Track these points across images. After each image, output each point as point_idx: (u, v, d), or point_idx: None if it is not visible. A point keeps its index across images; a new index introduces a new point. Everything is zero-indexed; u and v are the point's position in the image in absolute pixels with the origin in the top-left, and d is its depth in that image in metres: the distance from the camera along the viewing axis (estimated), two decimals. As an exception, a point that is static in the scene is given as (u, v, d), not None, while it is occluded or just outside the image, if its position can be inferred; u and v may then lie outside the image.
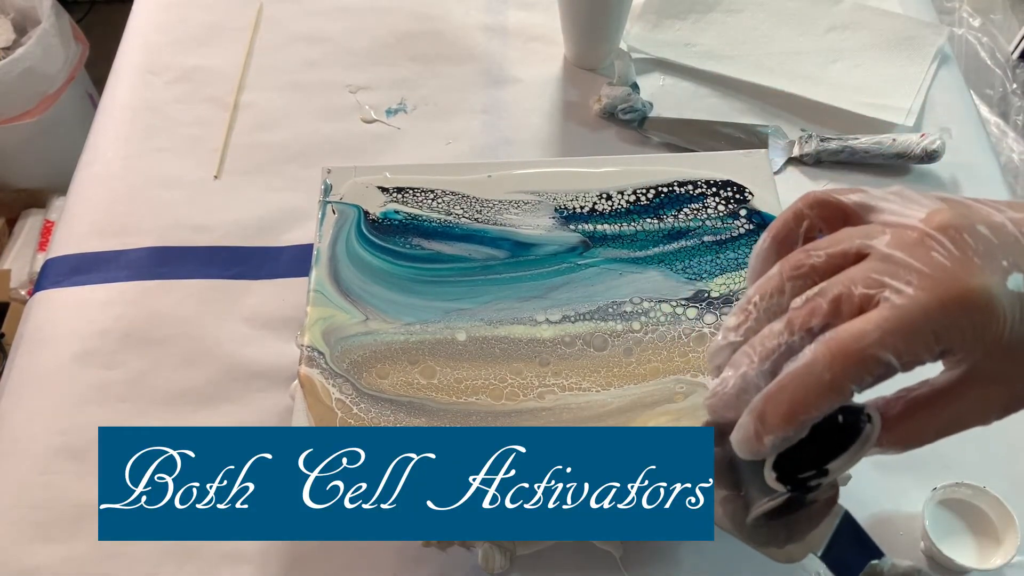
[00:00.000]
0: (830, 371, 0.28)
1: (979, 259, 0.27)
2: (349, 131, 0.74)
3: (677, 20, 0.80)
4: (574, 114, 0.75)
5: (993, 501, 0.52)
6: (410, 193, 0.55)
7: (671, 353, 0.49)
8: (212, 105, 0.76)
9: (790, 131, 0.73)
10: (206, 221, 0.68)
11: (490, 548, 0.49)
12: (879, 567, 0.33)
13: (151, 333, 0.62)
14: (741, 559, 0.52)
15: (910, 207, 0.30)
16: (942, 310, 0.27)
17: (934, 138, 0.68)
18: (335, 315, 0.51)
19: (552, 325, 0.51)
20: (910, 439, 0.31)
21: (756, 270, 0.34)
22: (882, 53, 0.77)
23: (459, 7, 0.83)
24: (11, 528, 0.54)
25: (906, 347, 0.27)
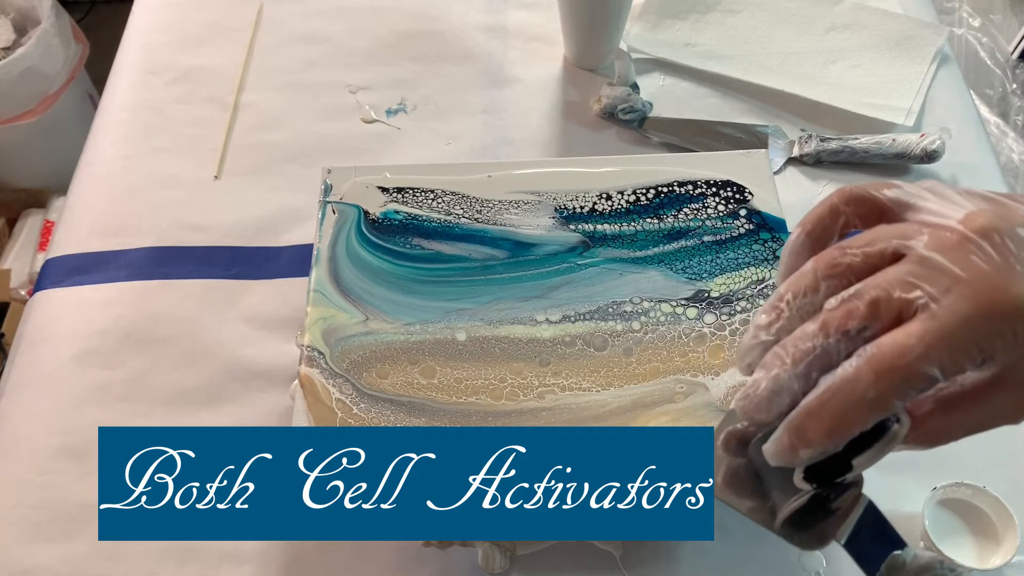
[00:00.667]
0: (875, 389, 0.27)
1: (1020, 265, 0.27)
2: (349, 131, 0.74)
3: (677, 20, 0.80)
4: (574, 114, 0.75)
5: (993, 501, 0.52)
6: (410, 193, 0.55)
7: (671, 353, 0.49)
8: (212, 105, 0.76)
9: (790, 131, 0.73)
10: (206, 221, 0.68)
11: (490, 548, 0.49)
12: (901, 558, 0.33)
13: (151, 333, 0.62)
14: (741, 559, 0.52)
15: (948, 207, 0.29)
16: (985, 320, 0.27)
17: (934, 138, 0.68)
18: (335, 315, 0.51)
19: (552, 325, 0.51)
20: (938, 438, 0.31)
21: (789, 265, 0.33)
22: (882, 53, 0.77)
23: (459, 7, 0.83)
24: (11, 528, 0.54)
25: (951, 359, 0.27)
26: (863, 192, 0.32)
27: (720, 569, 0.52)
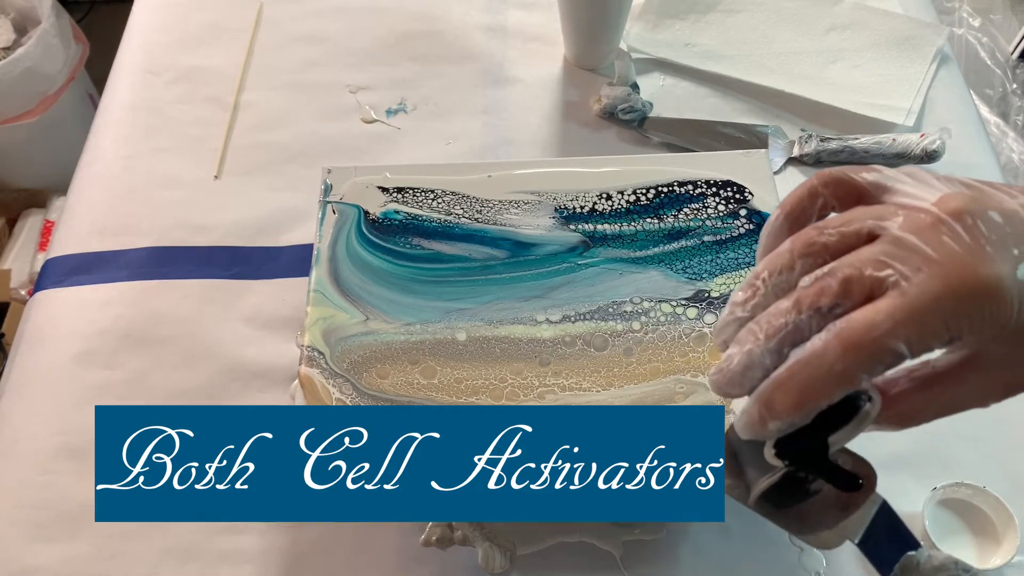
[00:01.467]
0: (842, 362, 0.28)
1: (990, 247, 0.27)
2: (349, 131, 0.74)
3: (677, 20, 0.80)
4: (574, 114, 0.75)
5: (993, 501, 0.52)
6: (410, 193, 0.55)
7: (671, 353, 0.49)
8: (212, 105, 0.76)
9: (790, 131, 0.73)
10: (206, 221, 0.68)
11: (490, 548, 0.49)
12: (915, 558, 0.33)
13: (151, 333, 0.62)
14: (741, 559, 0.52)
15: (924, 189, 0.30)
16: (952, 298, 0.27)
17: (934, 138, 0.69)
18: (335, 315, 0.51)
19: (552, 325, 0.51)
20: (910, 418, 0.31)
21: (767, 245, 0.34)
22: (882, 53, 0.77)
23: (459, 7, 0.83)
24: (11, 528, 0.54)
25: (918, 336, 0.27)
26: (842, 175, 0.32)
27: (720, 569, 0.52)
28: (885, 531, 0.33)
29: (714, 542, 0.53)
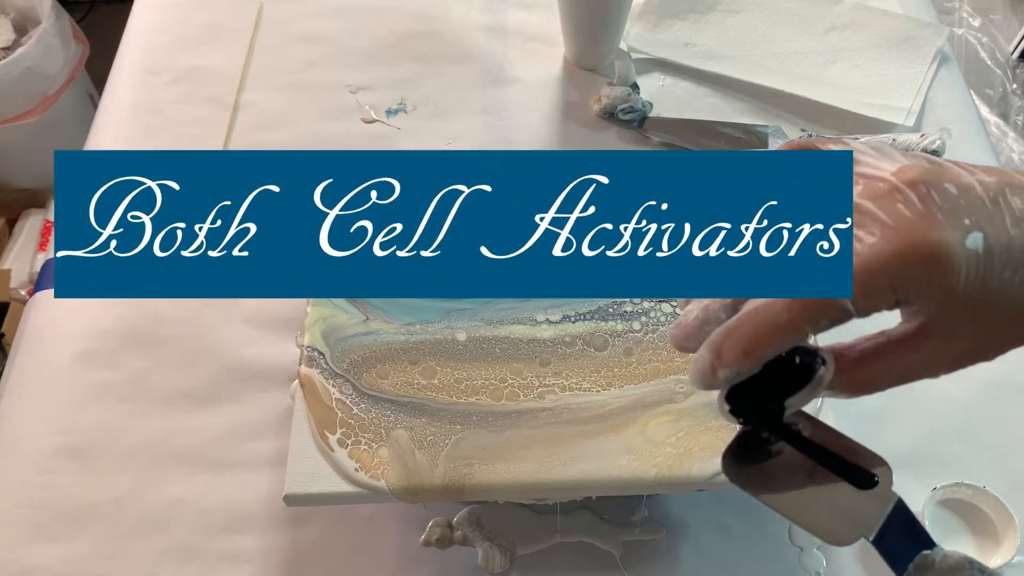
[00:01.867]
0: (788, 312, 0.28)
1: (942, 215, 0.28)
2: (349, 131, 0.74)
3: (677, 20, 0.80)
4: (574, 114, 0.75)
5: (993, 501, 0.52)
6: (410, 193, 0.55)
7: (671, 353, 0.49)
8: (212, 105, 0.76)
9: (790, 131, 0.73)
10: (206, 221, 0.68)
11: (490, 548, 0.49)
12: (931, 557, 0.33)
13: (151, 333, 0.62)
14: (741, 559, 0.52)
15: (885, 160, 0.31)
16: (899, 261, 0.28)
17: (934, 138, 0.68)
18: (335, 315, 0.51)
19: (552, 325, 0.51)
20: (862, 386, 0.32)
21: None
22: (882, 53, 0.77)
23: (459, 7, 0.83)
24: (11, 528, 0.54)
25: (863, 295, 0.28)
26: (809, 146, 0.33)
27: (720, 569, 0.52)
28: (900, 529, 0.33)
29: (714, 542, 0.53)
